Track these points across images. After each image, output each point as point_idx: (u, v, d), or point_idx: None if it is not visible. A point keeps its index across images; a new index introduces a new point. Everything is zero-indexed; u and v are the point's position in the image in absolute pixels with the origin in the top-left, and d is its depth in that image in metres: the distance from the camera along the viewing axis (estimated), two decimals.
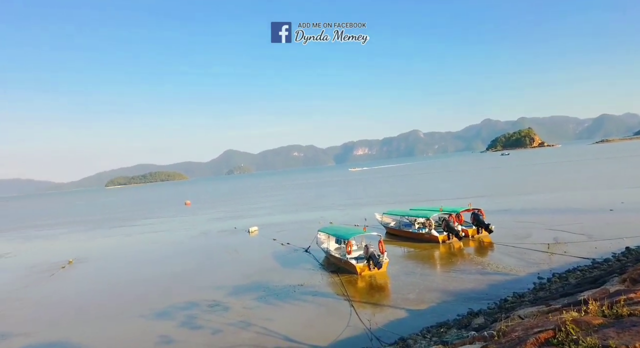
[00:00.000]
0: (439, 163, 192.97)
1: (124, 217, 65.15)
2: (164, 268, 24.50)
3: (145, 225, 49.55)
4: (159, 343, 13.08)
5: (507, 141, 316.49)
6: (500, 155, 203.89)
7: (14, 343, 14.24)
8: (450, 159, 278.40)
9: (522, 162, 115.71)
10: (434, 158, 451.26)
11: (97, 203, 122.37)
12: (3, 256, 34.71)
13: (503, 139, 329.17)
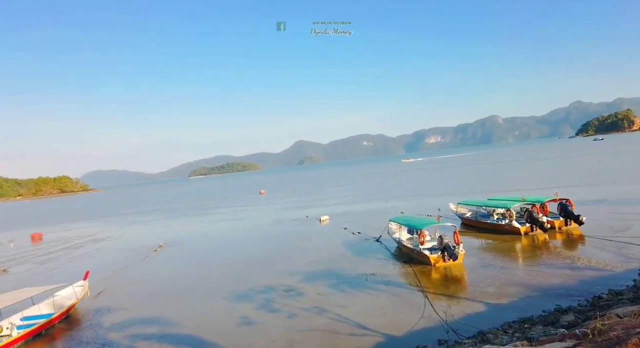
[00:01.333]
0: (520, 150, 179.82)
1: (206, 205, 69.75)
2: (242, 253, 25.93)
3: (225, 213, 52.67)
4: (241, 323, 13.92)
5: (600, 125, 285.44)
6: (592, 141, 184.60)
7: (119, 316, 16.04)
8: (532, 145, 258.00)
9: (619, 147, 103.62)
10: (513, 144, 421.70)
11: (182, 193, 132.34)
12: (106, 239, 39.07)
13: (596, 122, 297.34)
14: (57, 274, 24.92)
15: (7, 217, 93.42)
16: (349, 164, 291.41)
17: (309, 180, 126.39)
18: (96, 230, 47.31)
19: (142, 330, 14.20)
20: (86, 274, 18.94)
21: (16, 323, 15.15)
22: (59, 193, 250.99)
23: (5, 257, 33.79)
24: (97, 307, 17.43)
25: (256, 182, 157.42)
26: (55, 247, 36.92)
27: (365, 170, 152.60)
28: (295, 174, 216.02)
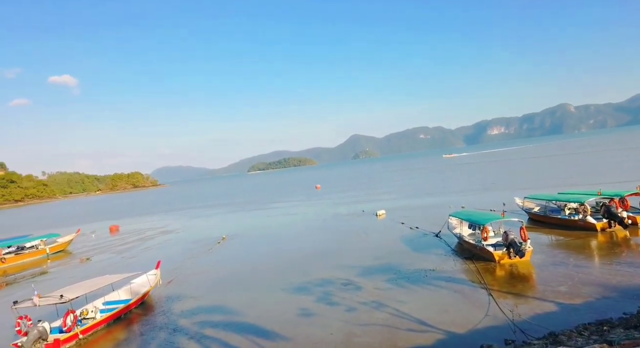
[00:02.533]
0: (596, 140, 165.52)
1: (264, 199, 71.87)
2: (300, 247, 26.44)
3: (282, 207, 53.95)
4: (300, 314, 14.23)
5: None
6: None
7: (187, 304, 17.07)
8: (610, 134, 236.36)
9: None
10: (588, 134, 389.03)
11: (242, 187, 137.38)
12: (174, 232, 41.63)
13: None
14: (132, 263, 26.97)
15: (89, 210, 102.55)
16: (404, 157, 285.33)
17: (364, 174, 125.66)
18: (165, 223, 50.55)
19: (208, 318, 14.99)
20: (158, 264, 20.27)
21: (99, 307, 16.66)
22: (132, 188, 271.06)
23: (89, 247, 37.19)
24: (168, 295, 18.65)
25: (312, 176, 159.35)
26: (130, 238, 40.00)
27: (423, 163, 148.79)
28: (350, 169, 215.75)
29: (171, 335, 13.69)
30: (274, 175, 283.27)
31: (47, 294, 14.51)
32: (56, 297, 14.09)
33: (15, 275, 28.23)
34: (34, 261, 32.91)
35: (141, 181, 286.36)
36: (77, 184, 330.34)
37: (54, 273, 27.66)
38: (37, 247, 34.74)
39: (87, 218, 75.08)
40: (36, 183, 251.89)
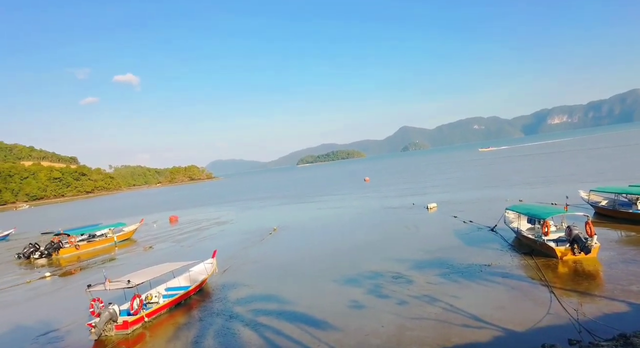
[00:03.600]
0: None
1: (313, 192, 72.62)
2: (349, 239, 26.49)
3: (332, 199, 54.25)
4: (350, 306, 14.32)
5: None
6: None
7: (242, 292, 17.74)
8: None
9: None
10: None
11: (291, 180, 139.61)
12: (228, 222, 43.27)
13: None
14: (190, 252, 28.37)
15: (151, 201, 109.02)
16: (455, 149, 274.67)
17: (414, 166, 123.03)
18: (220, 214, 52.63)
19: (262, 306, 15.49)
20: (214, 253, 21.17)
21: (162, 292, 17.72)
22: (189, 180, 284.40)
23: (151, 236, 39.61)
24: (223, 283, 19.46)
25: (360, 169, 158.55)
26: (188, 228, 42.10)
27: (476, 155, 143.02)
28: (399, 161, 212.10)
29: (228, 322, 14.30)
30: (323, 168, 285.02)
31: (116, 279, 15.67)
32: (124, 282, 15.19)
33: (87, 261, 30.72)
34: (104, 248, 35.61)
35: (197, 174, 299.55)
36: (140, 177, 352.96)
37: (121, 260, 29.76)
38: (106, 235, 37.54)
39: (149, 209, 79.88)
40: (104, 176, 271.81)
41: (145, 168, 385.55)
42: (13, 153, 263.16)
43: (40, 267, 30.01)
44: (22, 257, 33.38)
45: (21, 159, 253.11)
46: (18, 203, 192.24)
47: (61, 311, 18.03)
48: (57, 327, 15.79)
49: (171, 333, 14.13)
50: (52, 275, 26.22)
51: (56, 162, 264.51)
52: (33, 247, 33.69)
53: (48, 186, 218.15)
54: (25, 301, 20.80)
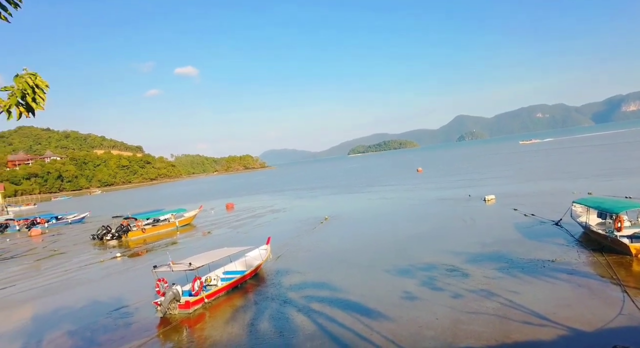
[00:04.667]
0: None
1: (364, 182, 72.25)
2: (402, 230, 26.14)
3: (383, 190, 53.70)
4: (403, 297, 14.18)
5: None
6: None
7: (295, 279, 18.17)
8: None
9: None
10: None
11: (342, 170, 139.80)
12: (281, 210, 44.30)
13: None
14: (245, 238, 29.42)
15: (208, 189, 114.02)
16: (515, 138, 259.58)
17: (470, 156, 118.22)
18: (273, 202, 54.00)
19: (314, 293, 15.78)
20: (268, 239, 21.81)
21: (220, 276, 18.60)
22: (244, 169, 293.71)
23: (209, 222, 41.53)
24: (277, 269, 20.02)
25: (413, 159, 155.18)
26: (243, 215, 43.65)
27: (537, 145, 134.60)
28: (454, 151, 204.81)
29: (282, 306, 14.74)
30: (374, 158, 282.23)
31: (179, 261, 16.68)
32: (186, 264, 16.12)
33: (152, 244, 32.88)
34: (167, 232, 37.90)
35: (251, 163, 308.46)
36: (198, 165, 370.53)
37: (182, 243, 31.54)
38: (169, 220, 39.90)
39: (206, 196, 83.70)
40: (166, 164, 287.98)
41: (204, 157, 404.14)
42: (87, 142, 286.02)
43: (111, 248, 32.57)
44: (96, 238, 36.40)
45: (94, 147, 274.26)
46: (92, 188, 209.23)
47: (130, 289, 19.50)
48: (127, 303, 17.12)
49: (229, 314, 14.81)
50: (122, 256, 28.36)
51: (124, 151, 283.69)
52: (105, 229, 36.60)
53: (117, 173, 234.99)
54: (100, 279, 22.72)
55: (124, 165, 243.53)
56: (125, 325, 14.66)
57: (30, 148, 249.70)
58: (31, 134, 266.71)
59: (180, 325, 14.24)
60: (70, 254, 31.40)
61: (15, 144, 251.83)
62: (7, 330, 15.79)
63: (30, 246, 38.55)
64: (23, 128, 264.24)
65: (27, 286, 22.30)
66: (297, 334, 12.18)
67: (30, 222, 53.15)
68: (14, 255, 33.87)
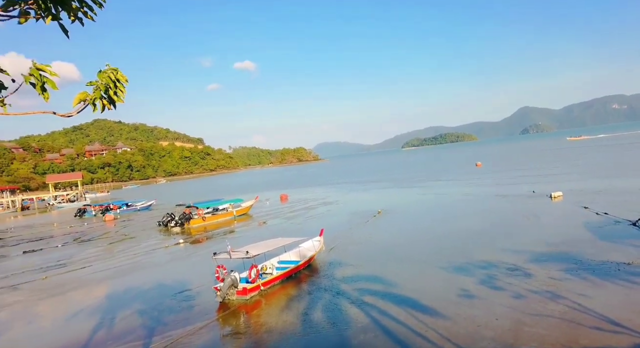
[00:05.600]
0: None
1: (419, 176, 70.60)
2: (459, 226, 25.27)
3: (438, 185, 52.18)
4: (460, 295, 13.75)
5: None
6: None
7: (347, 271, 18.25)
8: None
9: None
10: None
11: (396, 163, 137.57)
12: (334, 203, 44.55)
13: None
14: (299, 229, 29.96)
15: (264, 180, 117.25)
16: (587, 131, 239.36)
17: (534, 150, 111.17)
18: (326, 195, 54.43)
19: (367, 286, 15.75)
20: (321, 231, 22.03)
21: (275, 265, 19.14)
22: (297, 161, 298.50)
23: (264, 212, 42.78)
24: (330, 261, 20.20)
25: (471, 153, 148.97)
26: (296, 207, 44.46)
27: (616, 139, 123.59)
28: (518, 144, 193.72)
29: (334, 298, 14.87)
30: (429, 152, 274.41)
31: (237, 249, 17.36)
32: (243, 252, 16.75)
33: (212, 232, 34.50)
34: (225, 221, 39.57)
35: (305, 155, 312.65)
36: (254, 157, 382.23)
37: (239, 232, 32.78)
38: (227, 210, 41.62)
39: (262, 187, 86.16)
40: (224, 156, 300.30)
41: (259, 149, 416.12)
42: (154, 134, 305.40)
43: (175, 234, 34.62)
44: (161, 224, 38.87)
45: (160, 139, 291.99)
46: (158, 178, 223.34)
47: (192, 273, 20.63)
48: (189, 287, 18.14)
49: (283, 303, 15.22)
50: (185, 242, 30.05)
51: (186, 143, 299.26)
52: (169, 217, 38.94)
53: (180, 164, 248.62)
54: (165, 263, 24.28)
55: (186, 156, 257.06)
56: (188, 308, 15.57)
57: (104, 139, 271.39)
58: (105, 126, 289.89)
59: (238, 311, 14.86)
60: (139, 239, 33.81)
61: (91, 135, 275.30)
62: (86, 306, 17.37)
63: (104, 230, 42.00)
64: (98, 121, 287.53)
65: (102, 267, 24.35)
66: (350, 326, 12.25)
67: (104, 208, 57.93)
68: (91, 238, 37.09)
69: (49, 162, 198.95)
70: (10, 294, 20.02)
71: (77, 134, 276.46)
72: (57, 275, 23.04)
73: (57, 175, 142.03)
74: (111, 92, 3.32)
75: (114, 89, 3.31)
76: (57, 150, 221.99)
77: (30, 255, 30.44)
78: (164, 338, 12.70)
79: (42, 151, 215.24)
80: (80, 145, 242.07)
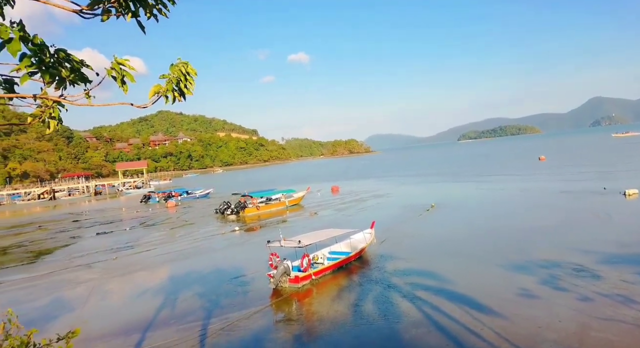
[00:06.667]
0: None
1: (475, 170, 67.85)
2: (519, 222, 24.06)
3: (497, 179, 49.84)
4: (519, 294, 13.14)
5: None
6: None
7: (399, 264, 18.05)
8: None
9: None
10: None
11: (451, 156, 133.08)
12: (385, 196, 44.07)
13: None
14: (350, 221, 29.99)
15: (315, 172, 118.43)
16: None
17: (606, 144, 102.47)
18: (377, 187, 53.95)
19: (420, 280, 15.48)
20: (372, 224, 21.92)
21: (326, 255, 19.36)
22: (349, 153, 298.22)
23: (315, 203, 43.28)
24: (381, 254, 20.06)
25: (534, 146, 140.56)
26: (347, 198, 44.50)
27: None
28: (587, 137, 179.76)
29: (386, 290, 14.80)
30: (487, 145, 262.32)
31: (289, 238, 17.76)
32: (296, 241, 17.11)
33: (265, 221, 35.53)
34: (277, 211, 40.57)
35: (356, 147, 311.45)
36: (306, 148, 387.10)
37: (291, 222, 33.45)
38: (280, 200, 42.59)
39: (313, 178, 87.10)
40: (277, 147, 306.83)
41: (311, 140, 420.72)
42: (212, 125, 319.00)
43: (231, 222, 36.02)
44: (218, 212, 40.61)
45: (217, 130, 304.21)
46: (215, 167, 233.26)
47: (247, 260, 21.40)
48: (244, 273, 18.86)
49: (334, 293, 15.40)
50: (240, 230, 31.22)
51: (242, 134, 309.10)
52: (226, 205, 40.58)
53: (235, 154, 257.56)
54: (222, 249, 25.41)
55: (242, 147, 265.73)
56: (243, 292, 16.22)
57: (167, 130, 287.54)
58: (168, 117, 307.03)
59: (290, 298, 15.25)
60: (198, 225, 35.61)
61: (155, 126, 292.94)
62: (151, 286, 18.66)
63: (167, 216, 44.67)
64: (162, 112, 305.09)
65: (165, 250, 25.96)
66: (401, 319, 12.15)
67: (167, 195, 61.55)
68: (155, 223, 39.62)
69: (118, 151, 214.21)
70: (86, 272, 21.96)
71: (143, 124, 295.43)
72: (125, 256, 24.91)
73: (125, 163, 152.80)
74: (182, 85, 3.50)
75: (184, 82, 3.49)
76: (125, 140, 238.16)
77: (103, 237, 33.13)
78: (222, 321, 13.35)
79: (112, 141, 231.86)
80: (145, 135, 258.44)
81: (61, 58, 3.09)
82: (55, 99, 3.20)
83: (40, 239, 35.27)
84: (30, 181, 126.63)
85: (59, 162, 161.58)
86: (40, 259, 26.71)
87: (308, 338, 11.90)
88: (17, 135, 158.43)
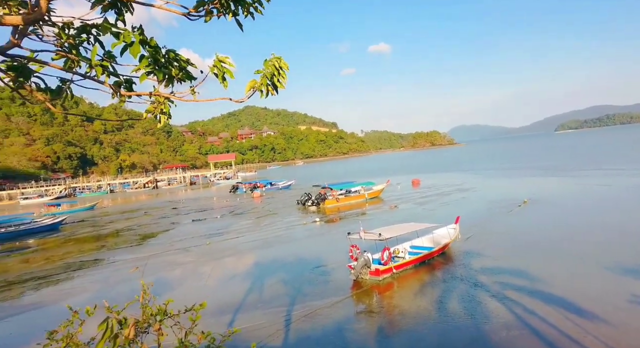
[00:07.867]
0: None
1: (576, 163, 61.48)
2: (627, 221, 21.34)
3: (600, 174, 44.68)
4: (631, 301, 11.71)
5: None
6: None
7: (486, 262, 17.07)
8: None
9: None
10: None
11: (547, 148, 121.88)
12: (471, 190, 41.82)
13: None
14: (431, 215, 29.04)
15: (395, 164, 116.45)
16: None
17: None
18: (461, 181, 51.36)
19: (509, 280, 14.51)
20: (457, 219, 20.97)
21: (407, 249, 19.00)
22: (430, 146, 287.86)
23: (395, 197, 42.56)
24: (466, 250, 19.15)
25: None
26: (429, 192, 43.05)
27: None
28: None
29: (471, 289, 14.11)
30: (591, 135, 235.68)
31: (370, 231, 17.72)
32: (376, 234, 17.02)
33: (345, 213, 35.84)
34: (357, 203, 40.67)
35: (438, 139, 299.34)
36: (385, 141, 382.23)
37: (370, 215, 33.32)
38: (359, 192, 42.65)
39: (393, 171, 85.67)
40: (357, 139, 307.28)
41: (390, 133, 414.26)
42: (293, 119, 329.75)
43: (311, 212, 36.94)
44: (299, 203, 41.90)
45: (298, 123, 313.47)
46: (296, 160, 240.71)
47: (327, 251, 21.82)
48: (325, 263, 19.26)
49: (416, 288, 15.07)
50: (320, 221, 31.89)
51: (322, 127, 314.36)
52: (307, 196, 41.70)
53: (315, 147, 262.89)
54: (304, 238, 26.20)
55: (321, 140, 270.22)
56: (324, 282, 16.59)
57: (253, 124, 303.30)
58: (254, 112, 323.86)
59: (371, 290, 15.25)
60: (281, 215, 37.10)
61: (242, 120, 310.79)
62: (240, 271, 19.92)
63: (253, 205, 47.21)
64: (248, 107, 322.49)
65: (252, 238, 27.48)
66: (490, 320, 11.51)
67: (253, 185, 65.05)
68: (243, 212, 42.08)
69: (210, 144, 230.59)
70: (184, 255, 24.11)
71: (231, 119, 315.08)
72: (217, 242, 26.87)
73: (216, 156, 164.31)
74: (275, 79, 3.63)
75: (277, 76, 3.62)
76: (216, 134, 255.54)
77: (197, 224, 36.06)
78: (305, 308, 13.81)
79: (205, 134, 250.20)
80: (233, 129, 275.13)
81: (171, 58, 3.40)
82: (166, 96, 3.54)
83: (146, 224, 39.48)
84: (137, 171, 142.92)
85: (160, 154, 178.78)
86: (146, 241, 29.92)
87: (390, 331, 11.82)
88: (127, 130, 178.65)
